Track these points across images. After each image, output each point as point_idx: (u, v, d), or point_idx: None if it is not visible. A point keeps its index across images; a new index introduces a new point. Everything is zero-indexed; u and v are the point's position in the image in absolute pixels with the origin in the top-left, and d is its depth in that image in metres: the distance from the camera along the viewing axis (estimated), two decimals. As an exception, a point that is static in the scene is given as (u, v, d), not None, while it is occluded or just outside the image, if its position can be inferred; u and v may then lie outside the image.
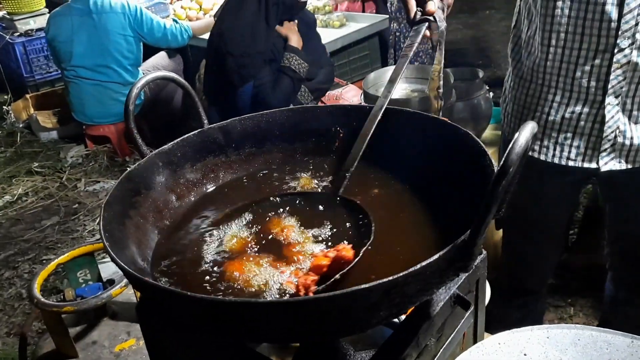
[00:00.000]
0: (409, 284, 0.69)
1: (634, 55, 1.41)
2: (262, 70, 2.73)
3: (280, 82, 2.74)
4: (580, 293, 2.71)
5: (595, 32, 1.42)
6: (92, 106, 4.16)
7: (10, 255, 3.44)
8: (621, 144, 1.51)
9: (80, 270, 1.77)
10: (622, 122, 1.49)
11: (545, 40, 1.51)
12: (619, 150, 1.52)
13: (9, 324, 2.88)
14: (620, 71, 1.43)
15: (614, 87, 1.45)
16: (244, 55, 2.71)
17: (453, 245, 0.70)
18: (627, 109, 1.48)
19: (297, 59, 2.76)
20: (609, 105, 1.47)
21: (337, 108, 1.21)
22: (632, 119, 1.49)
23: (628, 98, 1.46)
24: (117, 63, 4.08)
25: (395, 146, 1.07)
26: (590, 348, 0.95)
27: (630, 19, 1.37)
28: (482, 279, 1.03)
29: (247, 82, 2.76)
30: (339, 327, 0.75)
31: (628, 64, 1.42)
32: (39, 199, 4.00)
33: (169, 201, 1.05)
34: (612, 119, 1.49)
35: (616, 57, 1.42)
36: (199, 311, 0.73)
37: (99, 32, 4.00)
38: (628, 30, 1.38)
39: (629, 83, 1.44)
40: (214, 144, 1.16)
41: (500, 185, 0.65)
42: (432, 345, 0.92)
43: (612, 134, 1.50)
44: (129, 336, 1.66)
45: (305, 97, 2.88)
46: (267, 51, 2.75)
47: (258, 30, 2.71)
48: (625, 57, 1.41)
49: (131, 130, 1.05)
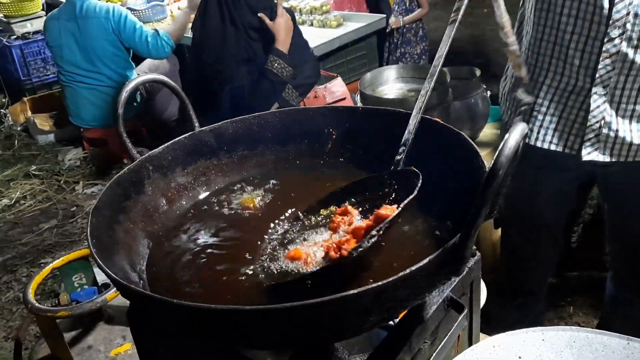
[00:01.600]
0: (400, 289, 0.68)
1: (624, 46, 1.39)
2: (238, 72, 2.66)
3: (260, 84, 2.67)
4: (579, 292, 2.70)
5: (588, 17, 1.40)
6: (88, 110, 4.15)
7: (8, 258, 3.43)
8: (606, 135, 1.48)
9: (75, 275, 1.76)
10: (608, 113, 1.46)
11: (542, 20, 1.49)
12: (604, 142, 1.49)
13: (6, 328, 2.88)
14: (609, 61, 1.41)
15: (602, 76, 1.43)
16: (218, 61, 2.65)
17: (443, 248, 0.69)
18: (615, 100, 1.46)
19: (281, 63, 2.67)
20: (595, 95, 1.45)
21: (329, 109, 1.20)
22: (620, 112, 1.46)
23: (617, 90, 1.44)
24: (107, 67, 4.05)
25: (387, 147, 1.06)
26: (585, 350, 0.94)
27: (621, 8, 1.35)
28: (477, 281, 1.01)
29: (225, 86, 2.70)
30: (330, 332, 0.74)
31: (617, 54, 1.40)
32: (37, 202, 4.00)
33: (160, 205, 1.04)
34: (597, 108, 1.47)
35: (605, 46, 1.40)
36: (186, 318, 0.72)
37: (84, 37, 3.96)
38: (619, 20, 1.37)
39: (618, 74, 1.42)
40: (205, 147, 1.15)
41: (490, 188, 0.64)
42: (425, 349, 0.91)
43: (597, 124, 1.48)
44: (124, 340, 1.65)
45: (291, 95, 2.82)
46: (239, 52, 2.68)
47: (226, 34, 2.64)
48: (614, 47, 1.39)
49: (120, 135, 1.04)
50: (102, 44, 3.98)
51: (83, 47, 3.99)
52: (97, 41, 3.96)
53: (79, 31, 3.96)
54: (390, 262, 0.83)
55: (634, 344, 0.92)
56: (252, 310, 0.65)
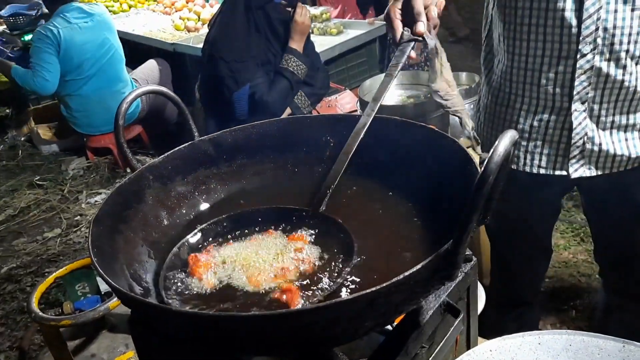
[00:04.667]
0: (393, 294, 0.70)
1: (597, 61, 1.40)
2: (256, 72, 2.74)
3: (277, 83, 2.75)
4: (581, 296, 2.70)
5: (557, 39, 1.41)
6: (99, 114, 4.16)
7: (13, 268, 3.45)
8: (590, 151, 1.49)
9: (78, 284, 1.78)
10: (590, 128, 1.47)
11: (510, 47, 1.51)
12: (588, 157, 1.50)
13: (11, 338, 2.89)
14: (584, 77, 1.42)
15: (580, 93, 1.44)
16: (238, 60, 2.72)
17: (436, 254, 0.70)
18: (594, 115, 1.47)
19: (296, 61, 2.77)
20: (576, 112, 1.46)
21: (327, 118, 1.21)
22: (600, 125, 1.47)
23: (595, 104, 1.45)
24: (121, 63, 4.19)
25: (382, 154, 1.08)
26: (582, 353, 0.95)
27: (590, 24, 1.37)
28: (473, 286, 1.03)
29: (242, 86, 2.77)
30: (326, 337, 0.75)
31: (592, 69, 1.41)
32: (41, 211, 4.02)
33: (160, 214, 1.06)
34: (579, 125, 1.47)
35: (579, 62, 1.41)
36: (185, 326, 0.73)
37: (105, 34, 4.07)
38: (589, 35, 1.38)
39: (594, 89, 1.43)
40: (204, 156, 1.17)
41: (480, 194, 0.66)
42: (423, 354, 0.92)
43: (580, 141, 1.49)
44: (127, 348, 1.66)
45: (303, 102, 2.88)
46: (260, 55, 2.76)
47: (249, 38, 2.72)
48: (588, 63, 1.41)
49: (121, 145, 1.06)
50: (116, 39, 4.13)
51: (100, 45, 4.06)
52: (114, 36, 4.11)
53: (101, 28, 4.06)
54: (384, 268, 0.85)
55: (630, 347, 0.93)
56: (248, 316, 0.66)
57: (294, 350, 0.86)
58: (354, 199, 1.07)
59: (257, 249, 0.95)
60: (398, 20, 1.16)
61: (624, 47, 1.38)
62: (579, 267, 2.86)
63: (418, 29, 1.12)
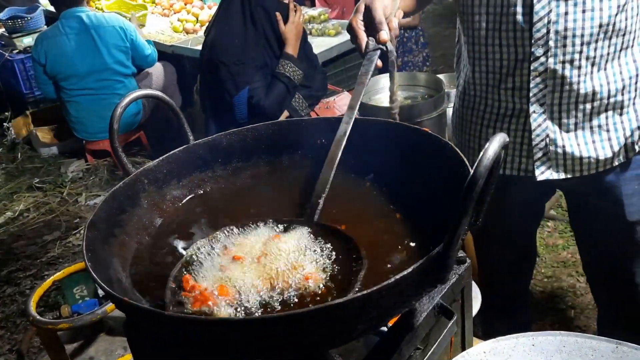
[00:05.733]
0: (385, 297, 0.70)
1: (551, 63, 1.41)
2: (255, 76, 2.75)
3: (274, 87, 2.76)
4: (580, 296, 2.71)
5: (512, 42, 1.43)
6: (94, 122, 4.19)
7: (12, 271, 3.46)
8: (554, 152, 1.49)
9: (76, 287, 1.79)
10: (551, 130, 1.48)
11: (471, 52, 1.53)
12: (554, 159, 1.50)
13: (11, 341, 2.89)
14: (539, 79, 1.43)
15: (536, 95, 1.45)
16: (237, 63, 2.73)
17: (427, 257, 0.71)
18: (555, 117, 1.47)
19: (292, 66, 2.78)
20: (534, 114, 1.47)
21: (321, 120, 1.22)
22: (563, 127, 1.48)
23: (555, 106, 1.46)
24: (118, 75, 4.15)
25: (375, 158, 1.08)
26: (575, 355, 0.95)
27: (541, 27, 1.38)
28: (468, 288, 1.03)
29: (242, 89, 2.78)
30: (318, 341, 0.75)
31: (546, 71, 1.42)
32: (40, 214, 4.03)
33: (155, 219, 1.06)
34: (539, 127, 1.48)
35: (533, 65, 1.42)
36: (179, 330, 0.73)
37: (98, 47, 4.05)
38: (540, 38, 1.39)
39: (552, 91, 1.44)
40: (200, 160, 1.17)
41: (470, 198, 0.66)
42: (417, 356, 0.92)
43: (542, 143, 1.49)
44: (125, 351, 1.67)
45: (301, 104, 2.89)
46: (258, 56, 2.77)
47: (247, 37, 2.73)
48: (542, 65, 1.42)
49: (116, 150, 1.06)
50: (116, 52, 4.11)
51: (97, 57, 4.07)
52: (112, 49, 4.09)
53: (94, 41, 4.05)
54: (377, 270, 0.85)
55: (623, 348, 0.93)
56: (240, 321, 0.66)
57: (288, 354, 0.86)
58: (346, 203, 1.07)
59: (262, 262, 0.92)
60: (362, 30, 1.20)
61: (577, 49, 1.39)
62: (578, 267, 2.86)
63: (382, 37, 1.16)
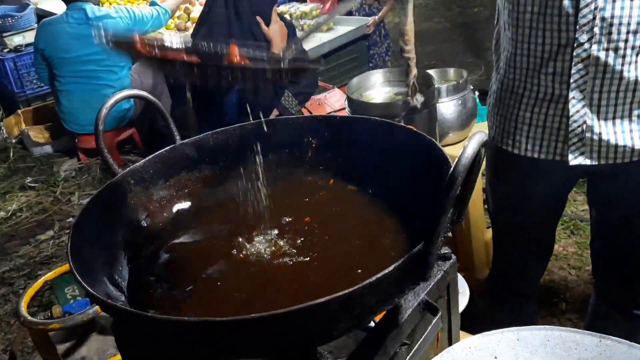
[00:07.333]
0: (366, 296, 0.70)
1: (594, 50, 1.42)
2: None
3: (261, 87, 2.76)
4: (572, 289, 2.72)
5: (556, 27, 1.44)
6: (85, 114, 4.16)
7: (6, 271, 3.45)
8: (590, 139, 1.51)
9: (68, 287, 1.78)
10: (589, 117, 1.49)
11: (514, 35, 1.54)
12: (589, 146, 1.52)
13: (4, 341, 2.89)
14: (581, 65, 1.44)
15: (577, 81, 1.46)
16: None
17: (408, 256, 0.71)
18: (594, 104, 1.48)
19: None
20: (574, 100, 1.49)
21: (308, 119, 1.22)
22: (601, 115, 1.49)
23: (595, 93, 1.47)
24: (115, 66, 4.16)
25: (360, 155, 1.08)
26: (559, 348, 0.96)
27: (587, 12, 1.39)
28: (453, 284, 1.04)
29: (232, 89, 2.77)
30: (302, 339, 0.76)
31: (589, 58, 1.43)
32: (33, 214, 4.01)
33: (142, 219, 1.06)
34: (577, 113, 1.50)
35: (576, 51, 1.43)
36: (163, 331, 0.74)
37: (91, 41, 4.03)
38: (586, 24, 1.40)
39: (593, 78, 1.45)
40: (186, 159, 1.17)
41: (449, 196, 0.67)
42: (402, 352, 0.93)
43: (579, 129, 1.51)
44: (117, 351, 1.66)
45: (290, 102, 2.89)
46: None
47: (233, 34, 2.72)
48: (585, 52, 1.43)
49: (101, 150, 1.06)
50: None
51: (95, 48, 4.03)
52: None
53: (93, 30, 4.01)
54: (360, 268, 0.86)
55: (606, 342, 0.94)
56: (223, 322, 0.67)
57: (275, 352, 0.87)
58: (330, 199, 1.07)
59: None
60: None
61: (622, 37, 1.40)
62: (569, 260, 2.88)
63: None
